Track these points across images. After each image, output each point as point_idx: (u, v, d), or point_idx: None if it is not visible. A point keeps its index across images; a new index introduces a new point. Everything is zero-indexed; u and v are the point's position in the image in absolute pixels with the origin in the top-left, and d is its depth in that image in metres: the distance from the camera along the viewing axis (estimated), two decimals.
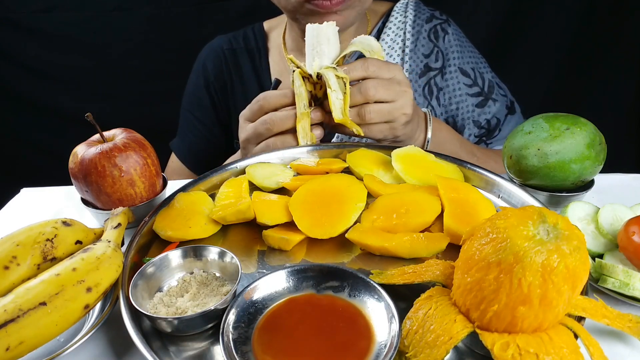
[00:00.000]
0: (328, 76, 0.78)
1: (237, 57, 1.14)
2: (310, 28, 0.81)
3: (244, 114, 0.84)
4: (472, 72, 1.08)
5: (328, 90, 0.79)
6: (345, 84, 0.79)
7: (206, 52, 1.18)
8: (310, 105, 0.82)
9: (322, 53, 0.81)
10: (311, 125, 0.82)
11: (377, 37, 1.09)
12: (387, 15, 1.11)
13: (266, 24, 1.18)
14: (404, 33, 1.06)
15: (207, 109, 1.17)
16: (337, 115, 0.78)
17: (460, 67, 1.07)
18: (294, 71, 0.82)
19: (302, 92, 0.80)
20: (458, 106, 1.08)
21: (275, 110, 0.82)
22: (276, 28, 1.16)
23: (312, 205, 0.68)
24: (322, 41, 0.80)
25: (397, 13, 1.09)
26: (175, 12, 1.55)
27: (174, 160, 1.21)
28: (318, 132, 0.84)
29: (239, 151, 0.92)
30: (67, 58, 1.60)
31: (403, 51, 1.06)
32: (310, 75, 0.81)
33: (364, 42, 0.83)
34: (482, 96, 1.08)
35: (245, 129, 0.84)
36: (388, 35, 1.07)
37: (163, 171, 0.78)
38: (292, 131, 0.82)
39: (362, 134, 0.80)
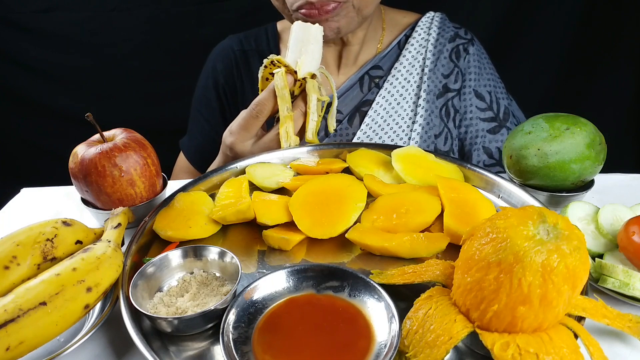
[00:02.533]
0: (311, 97, 0.81)
1: (248, 59, 1.11)
2: (299, 25, 0.81)
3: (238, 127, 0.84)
4: (489, 95, 1.04)
5: (307, 109, 0.82)
6: (322, 106, 0.84)
7: (217, 52, 1.15)
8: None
9: (308, 52, 0.80)
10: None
11: (398, 51, 1.06)
12: (411, 28, 1.07)
13: (279, 25, 1.15)
14: (425, 52, 1.03)
15: (215, 110, 1.15)
16: (308, 136, 0.84)
17: (475, 90, 1.04)
18: (267, 62, 0.82)
19: (285, 95, 0.79)
20: (467, 129, 1.04)
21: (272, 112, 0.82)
22: (288, 30, 1.13)
23: (312, 205, 0.68)
24: (311, 41, 0.80)
25: (421, 29, 1.05)
26: (175, 12, 1.54)
27: (182, 159, 1.19)
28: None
29: (220, 157, 0.91)
30: (67, 58, 1.60)
31: (422, 70, 1.02)
32: (295, 72, 0.80)
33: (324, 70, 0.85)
34: (496, 122, 1.03)
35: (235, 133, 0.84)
36: (409, 52, 1.04)
37: (164, 170, 0.78)
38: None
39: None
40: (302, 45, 0.81)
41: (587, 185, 0.74)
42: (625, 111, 1.58)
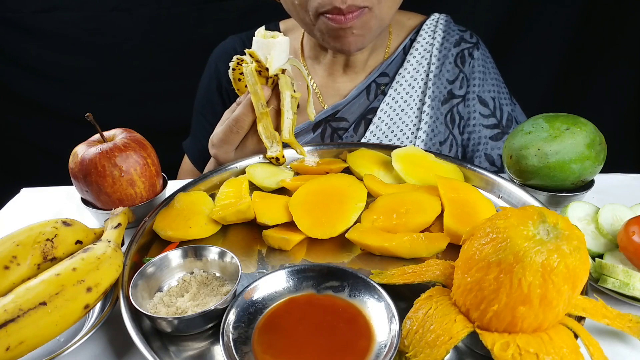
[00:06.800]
0: (284, 94, 0.78)
1: None
2: (257, 39, 0.78)
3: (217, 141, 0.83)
4: (492, 101, 1.03)
5: (281, 107, 0.79)
6: (297, 104, 0.80)
7: (218, 53, 1.13)
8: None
9: (275, 47, 0.77)
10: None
11: (404, 55, 1.04)
12: (415, 31, 1.05)
13: (282, 25, 1.13)
14: (430, 56, 1.01)
15: (218, 113, 1.09)
16: (285, 135, 0.80)
17: (479, 95, 1.02)
18: (233, 64, 0.80)
19: (257, 91, 0.77)
20: (470, 136, 1.03)
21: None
22: (293, 30, 1.11)
23: (312, 205, 0.68)
24: (272, 48, 0.77)
25: (426, 33, 1.03)
26: (175, 12, 1.54)
27: (186, 162, 1.18)
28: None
29: (213, 161, 0.90)
30: (67, 58, 1.60)
31: (427, 76, 1.01)
32: (267, 69, 0.77)
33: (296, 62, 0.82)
34: (499, 129, 1.01)
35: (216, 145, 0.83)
36: (414, 57, 1.02)
37: (164, 170, 0.78)
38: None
39: (305, 155, 0.84)
40: (267, 44, 0.77)
41: (587, 185, 0.74)
42: (625, 111, 1.58)
